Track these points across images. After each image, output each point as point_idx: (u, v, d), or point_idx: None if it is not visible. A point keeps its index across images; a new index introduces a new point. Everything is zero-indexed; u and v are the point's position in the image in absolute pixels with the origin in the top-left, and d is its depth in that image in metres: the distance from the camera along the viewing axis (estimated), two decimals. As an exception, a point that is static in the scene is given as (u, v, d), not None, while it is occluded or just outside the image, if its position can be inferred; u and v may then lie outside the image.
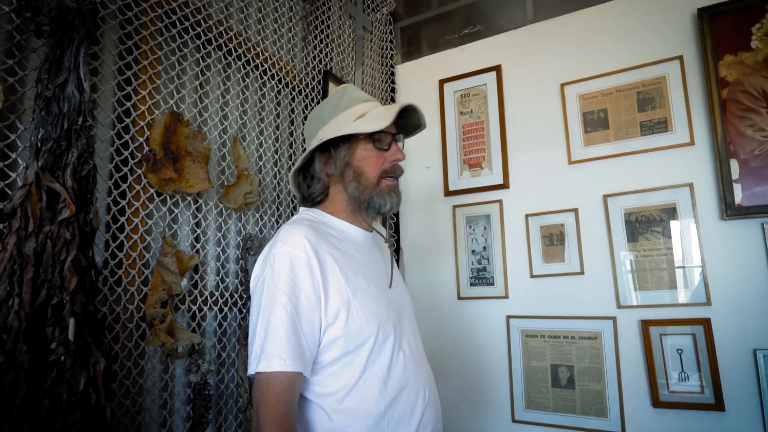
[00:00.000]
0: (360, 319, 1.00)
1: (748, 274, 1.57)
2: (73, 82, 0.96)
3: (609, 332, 1.74)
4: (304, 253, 0.98)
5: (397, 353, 1.05)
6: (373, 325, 1.01)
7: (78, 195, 0.94)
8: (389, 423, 1.00)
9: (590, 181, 1.86)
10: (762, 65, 1.59)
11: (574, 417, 1.75)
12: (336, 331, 0.98)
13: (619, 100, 1.83)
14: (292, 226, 1.04)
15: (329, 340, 0.98)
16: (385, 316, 1.05)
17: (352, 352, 1.00)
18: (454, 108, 2.19)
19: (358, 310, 1.00)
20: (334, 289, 0.99)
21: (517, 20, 2.12)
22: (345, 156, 1.10)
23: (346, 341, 0.99)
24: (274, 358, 0.91)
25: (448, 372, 2.01)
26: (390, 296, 1.12)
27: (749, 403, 1.52)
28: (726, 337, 1.57)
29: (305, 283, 0.97)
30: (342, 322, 0.98)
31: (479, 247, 2.04)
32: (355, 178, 1.10)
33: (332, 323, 0.98)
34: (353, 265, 1.06)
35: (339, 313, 0.99)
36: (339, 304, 0.99)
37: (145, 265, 1.17)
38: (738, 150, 1.59)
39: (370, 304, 1.03)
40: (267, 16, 1.64)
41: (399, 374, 1.04)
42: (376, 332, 1.01)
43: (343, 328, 0.98)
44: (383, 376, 1.01)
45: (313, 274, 0.97)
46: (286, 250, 0.98)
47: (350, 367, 1.00)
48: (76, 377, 0.90)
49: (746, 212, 1.56)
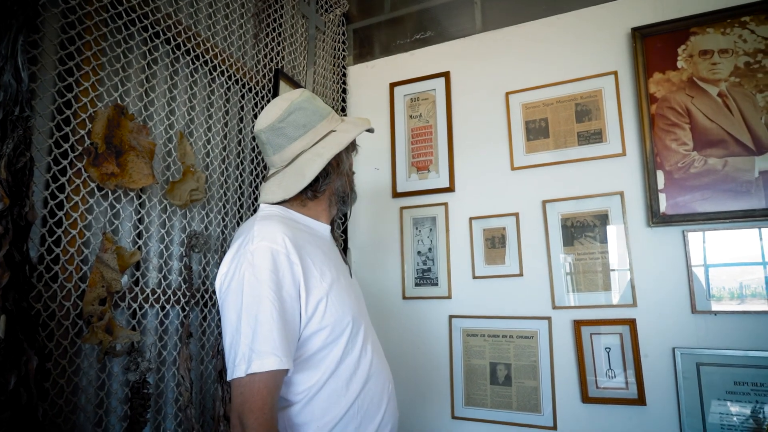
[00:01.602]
0: (338, 311, 1.04)
1: (669, 277, 1.69)
2: (9, 71, 0.93)
3: (544, 332, 1.83)
4: (284, 248, 0.99)
5: (366, 344, 1.11)
6: (348, 316, 1.06)
7: (13, 188, 0.91)
8: (359, 411, 1.04)
9: (531, 186, 1.94)
10: (686, 84, 1.72)
11: (511, 413, 1.83)
12: (316, 324, 1.01)
13: (559, 110, 1.93)
14: (265, 222, 1.04)
15: (310, 333, 1.01)
16: (356, 308, 1.11)
17: (330, 344, 1.03)
18: (403, 111, 2.23)
19: (335, 302, 1.04)
20: (314, 283, 1.02)
21: (466, 29, 2.19)
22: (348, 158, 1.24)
23: (326, 333, 1.02)
24: (267, 356, 0.90)
25: (391, 370, 2.04)
26: (354, 288, 1.20)
27: (667, 398, 1.64)
28: (649, 336, 1.69)
29: (287, 278, 0.97)
30: (320, 314, 1.01)
31: (425, 248, 2.09)
32: (339, 175, 1.21)
33: (312, 317, 1.01)
34: (324, 259, 1.10)
35: (318, 306, 1.01)
36: (318, 298, 1.02)
37: (84, 261, 1.13)
38: (664, 162, 1.72)
39: (344, 296, 1.08)
40: (218, 12, 1.62)
41: (368, 364, 1.09)
42: (351, 323, 1.06)
43: (321, 320, 1.01)
44: (354, 367, 1.06)
45: (294, 270, 0.99)
46: (265, 245, 0.98)
47: (327, 359, 1.03)
48: (6, 376, 0.87)
49: (670, 220, 1.68)
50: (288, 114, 1.14)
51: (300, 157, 1.15)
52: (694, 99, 1.70)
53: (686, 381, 1.62)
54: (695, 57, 1.72)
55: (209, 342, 1.48)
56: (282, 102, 1.16)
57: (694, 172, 1.67)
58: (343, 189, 1.22)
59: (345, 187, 1.23)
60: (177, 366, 1.35)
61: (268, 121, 1.15)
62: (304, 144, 1.15)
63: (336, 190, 1.21)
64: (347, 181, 1.24)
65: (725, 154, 1.65)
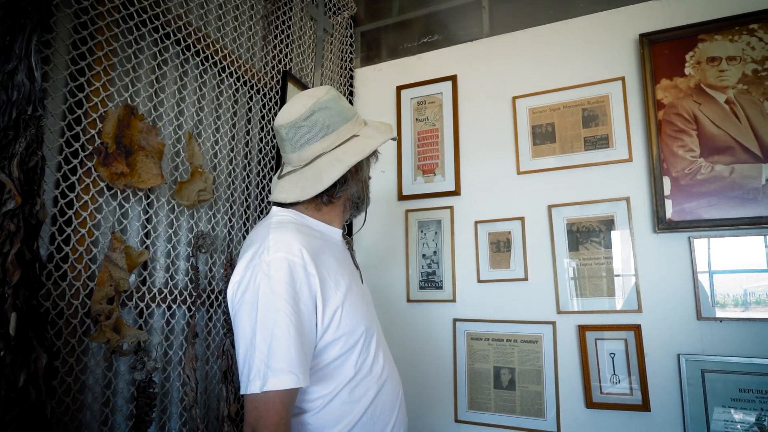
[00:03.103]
0: (352, 321, 1.02)
1: (675, 283, 1.69)
2: (23, 70, 0.94)
3: (549, 336, 1.83)
4: (301, 260, 0.97)
5: (379, 352, 1.10)
6: (362, 325, 1.05)
7: (24, 186, 0.92)
8: (371, 417, 1.04)
9: (536, 191, 1.94)
10: (693, 91, 1.72)
11: (514, 417, 1.83)
12: (331, 334, 1.00)
13: (566, 115, 1.93)
14: (280, 230, 1.02)
15: (325, 344, 0.99)
16: (369, 316, 1.10)
17: (345, 354, 1.02)
18: (410, 114, 2.24)
19: (349, 311, 1.03)
20: (329, 293, 1.00)
21: (474, 33, 2.20)
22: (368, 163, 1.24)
23: (341, 343, 1.01)
24: (285, 373, 0.88)
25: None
26: (365, 295, 1.20)
27: (672, 405, 1.64)
28: (654, 342, 1.69)
29: (304, 290, 0.95)
30: (336, 324, 1.00)
31: (429, 251, 2.09)
32: (358, 179, 1.20)
33: (328, 327, 0.99)
34: (337, 267, 1.08)
35: (334, 316, 1.00)
36: (335, 308, 1.00)
37: (92, 260, 1.14)
38: (670, 168, 1.72)
39: (358, 303, 1.07)
40: (227, 14, 1.63)
41: (380, 370, 1.08)
42: (364, 331, 1.05)
43: (336, 330, 1.00)
44: (367, 374, 1.05)
45: (311, 281, 0.97)
46: (282, 256, 0.95)
47: (342, 369, 1.02)
48: (16, 374, 0.88)
49: (676, 226, 1.68)
50: (312, 113, 1.10)
51: (319, 159, 1.11)
52: (701, 105, 1.70)
53: (691, 388, 1.61)
54: (703, 64, 1.72)
55: (215, 342, 1.48)
56: (307, 99, 1.12)
57: (701, 178, 1.67)
58: (358, 195, 1.21)
59: (361, 193, 1.21)
60: (183, 366, 1.35)
61: (291, 117, 1.11)
62: (324, 146, 1.11)
63: (351, 196, 1.19)
64: (363, 187, 1.22)
65: (732, 161, 1.64)
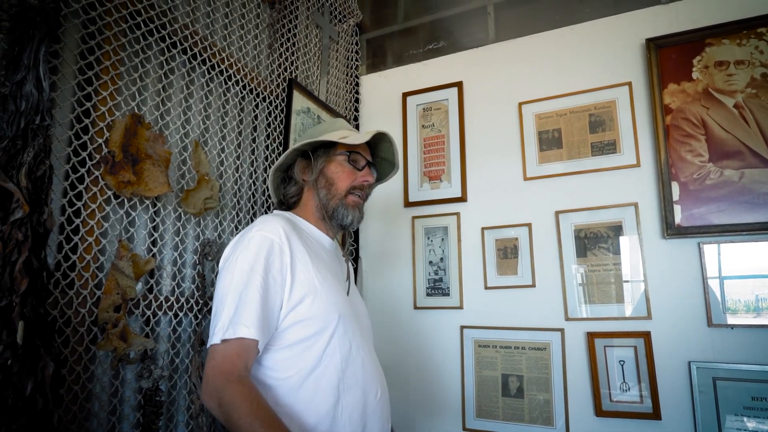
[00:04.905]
0: (325, 305, 1.07)
1: (684, 290, 1.67)
2: (31, 80, 0.94)
3: (557, 343, 1.81)
4: (278, 239, 1.05)
5: (357, 351, 1.12)
6: (334, 313, 1.08)
7: (32, 195, 0.92)
8: (342, 413, 1.05)
9: (543, 197, 1.93)
10: (701, 95, 1.71)
11: (523, 425, 1.81)
12: (301, 313, 1.05)
13: (573, 121, 1.92)
14: (269, 217, 1.13)
15: (293, 321, 1.04)
16: (347, 311, 1.13)
17: (313, 336, 1.05)
18: (416, 121, 2.23)
19: (324, 297, 1.07)
20: (302, 275, 1.06)
21: (479, 39, 2.20)
22: (322, 164, 1.22)
23: (310, 323, 1.05)
24: (240, 326, 0.95)
25: (402, 380, 2.04)
26: (354, 304, 1.22)
27: (683, 413, 1.62)
28: (664, 349, 1.67)
29: (275, 264, 1.03)
30: (307, 304, 1.05)
31: (436, 258, 2.08)
32: (326, 186, 1.21)
33: (296, 306, 1.04)
34: (321, 263, 1.13)
35: (305, 297, 1.05)
36: (306, 290, 1.06)
37: (100, 268, 1.14)
38: (679, 173, 1.70)
39: (335, 295, 1.11)
40: (233, 22, 1.64)
41: (356, 370, 1.10)
42: (337, 320, 1.08)
43: (307, 309, 1.05)
44: (341, 368, 1.07)
45: (283, 259, 1.05)
46: (262, 234, 1.05)
47: (309, 352, 1.05)
48: (23, 382, 0.88)
49: (685, 232, 1.66)
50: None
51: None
52: (709, 110, 1.69)
53: (702, 395, 1.59)
54: (711, 68, 1.71)
55: (221, 350, 1.47)
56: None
57: (710, 183, 1.65)
58: (326, 201, 1.21)
59: (329, 201, 1.21)
60: (189, 374, 1.35)
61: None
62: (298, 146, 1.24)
63: (322, 202, 1.21)
64: (332, 197, 1.21)
65: (742, 166, 1.63)
